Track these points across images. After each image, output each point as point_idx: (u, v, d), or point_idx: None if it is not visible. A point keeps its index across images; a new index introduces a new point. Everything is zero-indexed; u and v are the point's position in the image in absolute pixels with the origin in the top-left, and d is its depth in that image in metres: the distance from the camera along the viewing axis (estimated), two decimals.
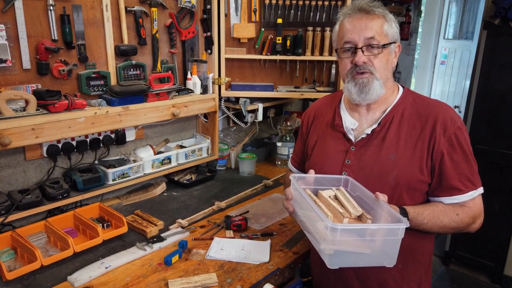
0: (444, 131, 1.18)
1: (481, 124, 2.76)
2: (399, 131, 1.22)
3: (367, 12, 1.19)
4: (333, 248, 1.02)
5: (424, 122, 1.20)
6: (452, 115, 1.20)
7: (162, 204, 1.93)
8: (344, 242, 1.02)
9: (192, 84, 2.03)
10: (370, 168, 1.23)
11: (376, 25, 1.19)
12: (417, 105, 1.24)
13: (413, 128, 1.21)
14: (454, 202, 1.20)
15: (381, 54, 1.20)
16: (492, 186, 2.74)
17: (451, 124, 1.18)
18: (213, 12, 2.05)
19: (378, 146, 1.23)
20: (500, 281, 2.86)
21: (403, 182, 1.20)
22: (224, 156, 2.37)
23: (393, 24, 1.22)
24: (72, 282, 1.31)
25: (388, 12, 1.22)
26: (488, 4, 2.65)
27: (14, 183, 1.65)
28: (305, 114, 1.50)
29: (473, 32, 3.66)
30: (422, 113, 1.22)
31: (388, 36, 1.20)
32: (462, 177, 1.18)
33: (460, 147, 1.18)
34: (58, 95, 1.53)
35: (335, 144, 1.32)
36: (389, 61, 1.23)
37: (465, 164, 1.19)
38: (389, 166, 1.21)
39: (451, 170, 1.18)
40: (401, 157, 1.20)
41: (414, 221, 1.16)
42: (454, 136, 1.17)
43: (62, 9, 1.57)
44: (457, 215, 1.19)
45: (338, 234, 0.98)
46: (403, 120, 1.23)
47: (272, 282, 1.37)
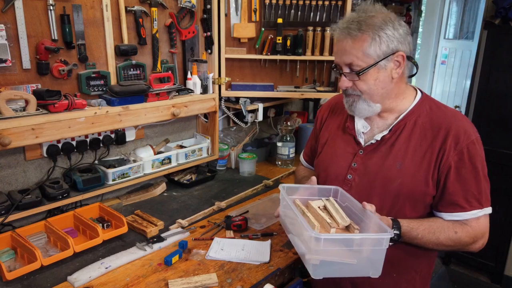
0: (456, 143, 1.12)
1: (481, 124, 2.75)
2: (410, 140, 1.18)
3: (349, 35, 1.13)
4: (318, 258, 1.02)
5: (436, 132, 1.15)
6: (468, 127, 1.15)
7: (162, 204, 1.92)
8: (329, 252, 1.02)
9: (192, 84, 2.03)
10: (375, 174, 1.21)
11: (355, 50, 1.12)
12: (432, 114, 1.19)
13: (424, 137, 1.17)
14: (455, 219, 1.15)
15: (363, 77, 1.15)
16: (493, 186, 2.73)
17: (464, 137, 1.12)
18: (213, 12, 2.04)
19: (385, 153, 1.20)
20: (500, 281, 2.86)
21: (406, 192, 1.17)
22: (224, 156, 2.36)
23: (384, 39, 1.11)
24: (72, 282, 1.31)
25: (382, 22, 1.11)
26: (489, 4, 2.65)
27: (14, 183, 1.65)
28: (320, 110, 1.49)
29: (474, 32, 3.66)
30: (436, 122, 1.17)
31: (371, 56, 1.12)
32: (468, 194, 1.13)
33: (470, 163, 1.12)
34: (58, 95, 1.53)
35: (344, 146, 1.30)
36: (379, 79, 1.15)
37: (473, 181, 1.13)
38: (393, 174, 1.18)
39: (456, 186, 1.13)
40: (407, 167, 1.16)
41: (407, 235, 1.14)
42: (466, 150, 1.12)
43: (62, 9, 1.57)
44: (456, 233, 1.14)
45: (322, 244, 0.99)
46: (416, 128, 1.18)
47: (272, 282, 1.37)
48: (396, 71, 1.16)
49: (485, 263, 2.91)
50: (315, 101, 2.94)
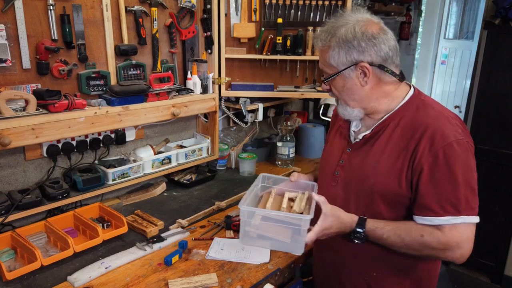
0: (430, 145, 1.09)
1: (481, 124, 2.75)
2: (389, 140, 1.18)
3: (317, 44, 1.22)
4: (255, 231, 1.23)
5: (414, 132, 1.13)
6: (447, 129, 1.10)
7: (162, 204, 1.92)
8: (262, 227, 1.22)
9: (192, 84, 2.03)
10: (354, 172, 1.24)
11: (322, 59, 1.21)
12: (416, 114, 1.17)
13: (403, 137, 1.16)
14: (425, 223, 1.11)
15: (332, 84, 1.22)
16: (492, 186, 2.74)
17: (440, 139, 1.09)
18: (213, 11, 2.04)
19: (367, 151, 1.23)
20: (500, 281, 2.86)
21: (379, 190, 1.17)
22: (224, 156, 2.36)
23: (342, 51, 1.15)
24: (72, 282, 1.31)
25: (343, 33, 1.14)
26: (489, 4, 2.65)
27: (14, 183, 1.65)
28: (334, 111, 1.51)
29: (474, 32, 3.66)
30: (416, 122, 1.15)
31: (334, 67, 1.18)
32: (442, 198, 1.08)
33: (447, 166, 1.08)
34: (58, 95, 1.53)
35: (338, 144, 1.34)
36: (346, 86, 1.19)
37: (449, 186, 1.08)
38: (369, 172, 1.20)
39: (429, 189, 1.09)
40: (382, 166, 1.17)
41: (371, 234, 1.15)
42: (441, 153, 1.08)
43: (62, 9, 1.57)
44: (421, 237, 1.10)
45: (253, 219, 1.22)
46: (398, 129, 1.18)
47: (273, 282, 1.37)
48: (363, 80, 1.17)
49: (485, 263, 2.91)
50: (315, 101, 2.94)
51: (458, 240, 1.08)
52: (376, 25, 1.16)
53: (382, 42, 1.15)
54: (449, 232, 1.08)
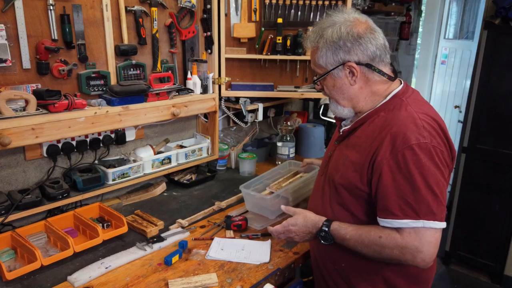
0: (392, 147, 1.10)
1: (481, 124, 2.75)
2: (361, 136, 1.22)
3: (307, 45, 1.27)
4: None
5: (380, 132, 1.15)
6: (409, 132, 1.09)
7: (162, 204, 1.92)
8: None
9: (192, 84, 2.03)
10: (332, 163, 1.31)
11: (312, 59, 1.26)
12: (390, 113, 1.18)
13: (371, 135, 1.18)
14: (386, 225, 1.11)
15: (323, 83, 1.27)
16: (492, 186, 2.74)
17: (401, 142, 1.08)
18: (213, 11, 2.04)
19: (344, 146, 1.29)
20: (500, 281, 2.86)
21: (343, 183, 1.22)
22: (224, 156, 2.36)
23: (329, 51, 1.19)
24: (72, 282, 1.31)
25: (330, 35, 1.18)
26: (489, 4, 2.65)
27: (14, 183, 1.65)
28: None
29: (474, 32, 3.66)
30: (386, 122, 1.16)
31: (322, 66, 1.23)
32: (402, 201, 1.08)
33: (406, 169, 1.07)
34: (58, 95, 1.53)
35: (334, 137, 1.42)
36: (336, 86, 1.24)
37: (409, 189, 1.07)
38: (338, 166, 1.26)
39: (390, 191, 1.09)
40: (349, 160, 1.22)
41: (336, 233, 1.20)
42: (401, 156, 1.08)
43: (62, 8, 1.57)
44: (380, 238, 1.11)
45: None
46: (370, 126, 1.20)
47: (273, 282, 1.37)
48: (352, 79, 1.21)
49: (485, 263, 2.91)
50: (315, 101, 2.94)
51: (417, 243, 1.07)
52: (363, 25, 1.18)
53: (369, 41, 1.17)
54: (408, 236, 1.08)
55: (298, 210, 1.33)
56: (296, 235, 1.30)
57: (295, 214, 1.32)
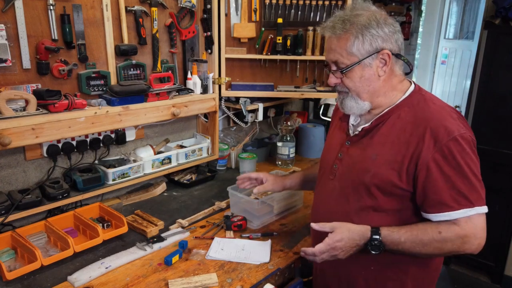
0: (435, 141, 1.09)
1: (481, 124, 2.75)
2: (389, 133, 1.18)
3: (333, 33, 1.17)
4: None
5: (416, 127, 1.13)
6: (450, 124, 1.10)
7: (162, 204, 1.92)
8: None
9: (192, 84, 2.03)
10: (353, 165, 1.24)
11: (339, 48, 1.16)
12: (417, 108, 1.17)
13: (404, 131, 1.15)
14: (443, 219, 1.11)
15: (348, 74, 1.18)
16: (492, 186, 2.74)
17: (444, 135, 1.09)
18: (213, 11, 2.04)
19: (366, 144, 1.22)
20: (500, 281, 2.86)
21: (377, 183, 1.17)
22: (225, 156, 2.36)
23: (367, 37, 1.13)
24: (72, 282, 1.31)
25: (365, 20, 1.14)
26: (489, 4, 2.65)
27: (14, 183, 1.65)
28: (334, 110, 1.52)
29: (474, 32, 3.66)
30: (418, 117, 1.15)
31: (355, 55, 1.15)
32: (454, 192, 1.09)
33: (454, 160, 1.08)
34: (58, 95, 1.53)
35: (338, 137, 1.35)
36: (364, 77, 1.18)
37: (459, 178, 1.09)
38: (368, 165, 1.19)
39: (441, 184, 1.09)
40: (382, 158, 1.17)
41: (389, 239, 1.13)
42: (446, 148, 1.08)
43: (62, 8, 1.56)
44: (439, 233, 1.10)
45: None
46: (398, 122, 1.18)
47: (273, 282, 1.37)
48: (382, 69, 1.18)
49: (485, 263, 2.91)
50: (315, 101, 2.94)
51: (474, 231, 1.10)
52: (389, 17, 1.19)
53: (399, 31, 1.18)
54: (465, 225, 1.09)
55: (337, 224, 1.18)
56: (342, 251, 1.16)
57: (335, 228, 1.17)
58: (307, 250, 1.19)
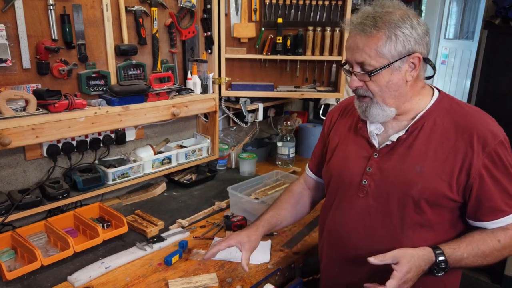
0: (483, 146, 1.04)
1: None
2: (429, 141, 1.09)
3: (363, 31, 1.04)
4: None
5: (460, 133, 1.07)
6: (493, 128, 1.08)
7: (162, 204, 1.92)
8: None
9: (192, 84, 2.03)
10: (393, 178, 1.12)
11: (368, 48, 1.04)
12: (454, 113, 1.10)
13: (446, 138, 1.08)
14: (499, 225, 1.07)
15: (375, 78, 1.07)
16: None
17: (491, 139, 1.05)
18: (213, 11, 2.04)
19: (403, 155, 1.11)
20: (500, 281, 2.86)
21: (427, 196, 1.08)
22: (225, 156, 2.36)
23: (400, 38, 1.03)
24: (72, 282, 1.31)
25: (400, 21, 1.03)
26: (489, 4, 2.65)
27: (14, 183, 1.65)
28: (329, 113, 1.40)
29: (474, 32, 3.66)
30: (459, 122, 1.08)
31: (385, 56, 1.04)
32: (505, 196, 1.06)
33: (502, 164, 1.05)
34: (58, 95, 1.53)
35: (356, 149, 1.21)
36: (392, 81, 1.07)
37: (508, 182, 1.06)
38: (413, 178, 1.09)
39: (493, 190, 1.05)
40: (428, 170, 1.08)
41: (453, 258, 1.05)
42: (494, 152, 1.05)
43: (62, 8, 1.56)
44: (499, 242, 1.06)
45: None
46: (435, 128, 1.10)
47: (273, 282, 1.37)
48: (410, 73, 1.08)
49: None
50: (315, 101, 2.94)
51: None
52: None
53: (428, 34, 1.08)
54: None
55: (398, 253, 1.04)
56: (411, 281, 1.04)
57: (398, 258, 1.03)
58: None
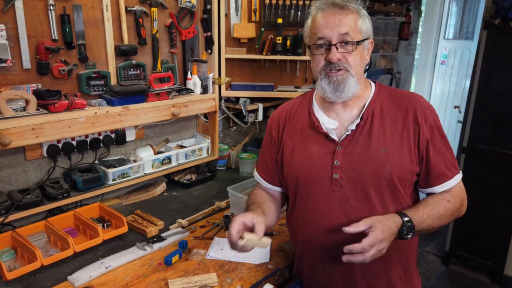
0: (425, 119, 1.18)
1: (481, 124, 2.75)
2: (383, 124, 1.19)
3: (341, 7, 1.15)
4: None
5: (405, 112, 1.20)
6: (428, 103, 1.23)
7: (162, 204, 1.93)
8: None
9: (192, 84, 2.03)
10: (363, 166, 1.17)
11: (350, 21, 1.15)
12: (394, 97, 1.24)
13: (396, 119, 1.19)
14: (445, 189, 1.20)
15: (355, 51, 1.16)
16: (492, 186, 2.74)
17: (429, 112, 1.20)
18: (213, 12, 2.05)
19: (366, 142, 1.18)
20: (500, 281, 2.86)
21: (397, 174, 1.16)
22: (224, 156, 2.37)
23: (366, 20, 1.20)
24: (72, 282, 1.31)
25: (362, 7, 1.21)
26: (488, 4, 2.65)
27: (14, 183, 1.65)
28: (273, 118, 1.37)
29: (473, 32, 3.66)
30: (401, 104, 1.21)
31: (362, 32, 1.17)
32: (447, 162, 1.20)
33: (440, 134, 1.20)
34: (58, 95, 1.53)
35: (318, 147, 1.22)
36: (362, 57, 1.20)
37: (446, 149, 1.21)
38: (381, 160, 1.16)
39: (437, 157, 1.18)
40: (391, 150, 1.17)
41: (416, 218, 1.12)
42: (434, 124, 1.19)
43: (62, 9, 1.57)
44: (449, 202, 1.18)
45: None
46: (384, 113, 1.21)
47: (272, 282, 1.37)
48: (366, 57, 1.23)
49: (485, 263, 2.91)
50: None
51: (464, 192, 1.23)
52: None
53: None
54: (458, 189, 1.22)
55: (368, 220, 1.08)
56: (386, 242, 1.06)
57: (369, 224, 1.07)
58: (354, 246, 1.03)
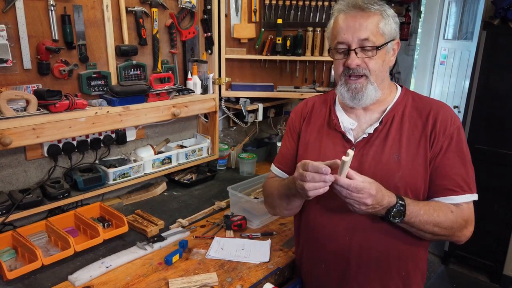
0: (444, 129, 1.14)
1: (480, 124, 2.76)
2: (401, 130, 1.17)
3: (362, 10, 1.11)
4: None
5: (425, 120, 1.16)
6: (453, 114, 1.17)
7: (162, 204, 1.93)
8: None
9: (192, 84, 2.04)
10: (374, 169, 1.15)
11: (371, 24, 1.11)
12: (417, 104, 1.20)
13: (415, 126, 1.16)
14: (450, 202, 1.14)
15: (376, 56, 1.12)
16: (492, 186, 2.75)
17: (451, 123, 1.14)
18: (213, 12, 2.05)
19: (380, 146, 1.16)
20: (499, 280, 2.87)
21: (409, 182, 1.14)
22: (225, 156, 2.37)
23: (390, 21, 1.14)
24: (73, 281, 1.31)
25: (387, 7, 1.15)
26: (488, 5, 2.66)
27: (15, 182, 1.65)
28: (297, 110, 1.38)
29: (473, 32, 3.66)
30: (423, 111, 1.17)
31: (385, 35, 1.13)
32: (458, 178, 1.13)
33: (457, 148, 1.14)
34: (58, 95, 1.53)
35: (333, 145, 1.23)
36: (385, 61, 1.15)
37: (461, 165, 1.14)
38: (393, 166, 1.14)
39: (447, 169, 1.13)
40: (405, 157, 1.14)
41: (411, 208, 1.08)
42: (453, 136, 1.14)
43: (63, 9, 1.57)
44: (452, 213, 1.12)
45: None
46: (404, 119, 1.18)
47: (272, 281, 1.38)
48: (391, 58, 1.17)
49: (484, 263, 2.91)
50: None
51: (472, 216, 1.16)
52: None
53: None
54: (467, 209, 1.15)
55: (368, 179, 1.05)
56: (370, 201, 1.03)
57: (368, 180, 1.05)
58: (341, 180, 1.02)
